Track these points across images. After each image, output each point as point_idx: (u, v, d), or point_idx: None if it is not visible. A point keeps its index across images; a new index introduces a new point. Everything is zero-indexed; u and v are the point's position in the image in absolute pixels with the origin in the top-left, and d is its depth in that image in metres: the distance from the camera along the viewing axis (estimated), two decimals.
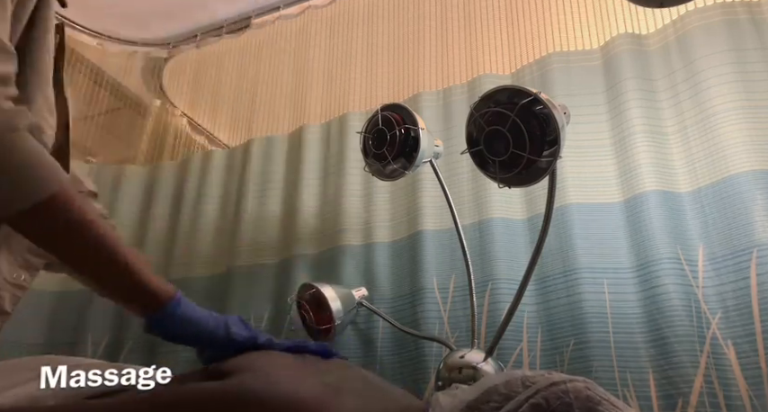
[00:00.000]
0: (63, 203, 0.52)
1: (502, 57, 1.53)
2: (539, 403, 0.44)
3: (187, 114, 2.24)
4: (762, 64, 1.18)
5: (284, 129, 1.83)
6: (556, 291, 1.21)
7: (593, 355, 1.10)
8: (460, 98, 1.52)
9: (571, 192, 1.27)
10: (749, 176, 1.09)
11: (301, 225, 1.59)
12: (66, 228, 0.53)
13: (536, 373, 0.49)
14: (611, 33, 1.39)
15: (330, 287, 1.23)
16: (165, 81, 2.28)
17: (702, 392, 1.01)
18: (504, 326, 0.99)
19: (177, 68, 2.27)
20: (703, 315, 1.06)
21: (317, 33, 1.90)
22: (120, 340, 1.63)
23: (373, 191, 1.54)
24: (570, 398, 0.44)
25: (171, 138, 2.14)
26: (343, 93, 1.76)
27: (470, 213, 1.37)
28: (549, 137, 0.83)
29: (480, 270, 1.28)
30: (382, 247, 1.46)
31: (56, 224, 0.52)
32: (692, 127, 1.21)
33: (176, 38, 2.25)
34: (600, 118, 1.33)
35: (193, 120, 2.25)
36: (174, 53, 2.27)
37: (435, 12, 1.70)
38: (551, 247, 1.24)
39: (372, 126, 1.19)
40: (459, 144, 1.41)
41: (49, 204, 0.51)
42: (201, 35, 2.19)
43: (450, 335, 1.27)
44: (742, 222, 1.07)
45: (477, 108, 0.90)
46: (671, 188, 1.19)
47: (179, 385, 0.54)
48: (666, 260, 1.11)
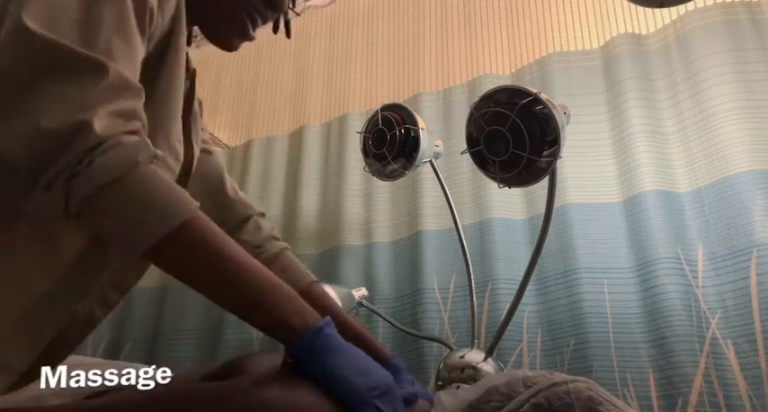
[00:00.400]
0: (194, 233, 0.50)
1: (502, 57, 1.54)
2: (540, 403, 0.44)
3: None
4: (762, 64, 1.18)
5: (284, 129, 1.83)
6: (556, 291, 1.21)
7: (593, 355, 1.10)
8: (460, 98, 1.52)
9: (571, 192, 1.27)
10: (749, 176, 1.09)
11: (301, 225, 1.59)
12: (197, 258, 0.51)
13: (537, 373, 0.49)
14: (611, 33, 1.39)
15: (330, 287, 1.23)
16: None
17: (702, 392, 1.01)
18: (504, 326, 0.99)
19: None
20: (703, 315, 1.06)
21: (317, 33, 1.90)
22: (120, 340, 1.63)
23: (373, 191, 1.54)
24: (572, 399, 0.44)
25: None
26: (343, 93, 1.76)
27: (470, 213, 1.38)
28: (549, 137, 0.83)
29: (480, 270, 1.28)
30: (382, 247, 1.46)
31: (187, 254, 0.51)
32: (692, 127, 1.21)
33: None
34: (600, 118, 1.33)
35: None
36: None
37: (435, 12, 1.70)
38: (551, 247, 1.24)
39: (372, 126, 1.19)
40: (459, 144, 1.41)
41: (179, 234, 0.49)
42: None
43: (450, 335, 1.27)
44: (742, 222, 1.07)
45: (477, 108, 0.90)
46: (671, 188, 1.19)
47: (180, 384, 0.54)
48: (666, 260, 1.11)
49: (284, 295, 0.55)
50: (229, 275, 0.52)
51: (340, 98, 1.76)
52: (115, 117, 0.48)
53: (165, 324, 1.60)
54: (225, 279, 0.53)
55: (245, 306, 0.54)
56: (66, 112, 0.45)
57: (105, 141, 0.46)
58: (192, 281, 0.53)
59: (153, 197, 0.49)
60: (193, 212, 0.51)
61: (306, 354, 0.52)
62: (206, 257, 0.51)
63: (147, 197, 0.49)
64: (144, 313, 1.65)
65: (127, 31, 0.52)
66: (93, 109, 0.46)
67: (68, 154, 0.45)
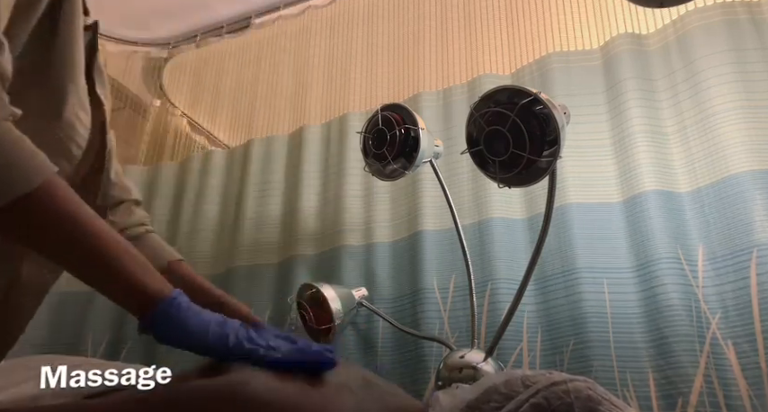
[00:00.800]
0: (46, 198, 0.49)
1: (502, 57, 1.54)
2: (539, 403, 0.44)
3: (187, 114, 2.24)
4: (762, 64, 1.18)
5: (284, 129, 1.83)
6: (556, 291, 1.21)
7: (593, 355, 1.10)
8: (460, 98, 1.52)
9: (571, 191, 1.27)
10: (749, 176, 1.09)
11: (301, 225, 1.59)
12: (50, 223, 0.49)
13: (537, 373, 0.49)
14: (611, 33, 1.39)
15: (330, 287, 1.23)
16: (165, 81, 2.28)
17: (702, 392, 1.01)
18: (504, 326, 0.99)
19: (177, 68, 2.27)
20: (703, 315, 1.06)
21: (317, 33, 1.90)
22: (120, 340, 1.63)
23: (373, 191, 1.54)
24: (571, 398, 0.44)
25: (171, 138, 2.14)
26: (343, 93, 1.76)
27: (470, 213, 1.38)
28: (549, 137, 0.83)
29: (480, 270, 1.28)
30: (382, 247, 1.46)
31: (37, 220, 0.49)
32: (692, 127, 1.21)
33: (176, 38, 2.25)
34: (600, 118, 1.33)
35: (193, 120, 2.25)
36: (173, 53, 2.27)
37: (435, 12, 1.70)
38: (551, 247, 1.24)
39: (372, 126, 1.19)
40: (459, 144, 1.41)
41: (30, 199, 0.47)
42: (201, 35, 2.19)
43: (451, 335, 1.27)
44: (742, 222, 1.07)
45: (477, 108, 0.90)
46: (671, 188, 1.19)
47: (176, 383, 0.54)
48: (666, 260, 1.11)
49: (139, 264, 0.54)
50: (82, 240, 0.51)
51: (340, 98, 1.76)
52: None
53: None
54: (77, 244, 0.51)
55: (97, 272, 0.53)
56: None
57: None
58: (41, 245, 0.51)
59: (8, 155, 0.47)
60: (50, 173, 0.50)
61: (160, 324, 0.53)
62: (59, 222, 0.50)
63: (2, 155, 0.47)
64: None
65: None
66: None
67: None
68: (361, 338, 1.38)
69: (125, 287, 0.53)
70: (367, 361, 1.32)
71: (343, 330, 1.29)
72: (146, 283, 0.53)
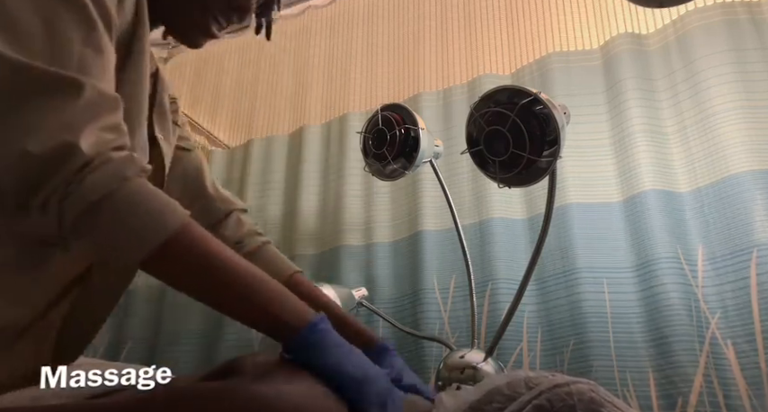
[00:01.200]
0: (186, 240, 0.52)
1: (502, 57, 1.54)
2: (542, 405, 0.44)
3: (187, 114, 2.23)
4: (762, 64, 1.18)
5: (284, 129, 1.83)
6: (556, 291, 1.21)
7: (593, 355, 1.10)
8: (460, 98, 1.52)
9: (571, 191, 1.27)
10: (749, 176, 1.09)
11: (301, 225, 1.59)
12: (191, 264, 0.52)
13: (539, 375, 0.49)
14: (611, 33, 1.39)
15: (330, 287, 1.23)
16: None
17: (702, 392, 1.01)
18: (504, 326, 0.99)
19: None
20: (703, 315, 1.06)
21: (317, 33, 1.90)
22: (120, 341, 1.63)
23: (373, 191, 1.54)
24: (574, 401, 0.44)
25: None
26: (344, 93, 1.76)
27: (470, 213, 1.38)
28: (549, 137, 0.83)
29: (480, 270, 1.28)
30: (382, 247, 1.46)
31: (181, 262, 0.52)
32: (692, 127, 1.21)
33: None
34: (600, 118, 1.33)
35: (193, 119, 2.24)
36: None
37: (435, 12, 1.70)
38: (551, 247, 1.24)
39: (372, 126, 1.19)
40: (459, 144, 1.41)
41: (172, 243, 0.50)
42: None
43: (451, 335, 1.27)
44: (742, 222, 1.07)
45: (477, 108, 0.90)
46: (671, 188, 1.19)
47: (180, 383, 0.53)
48: (666, 260, 1.11)
49: (277, 293, 0.56)
50: (223, 279, 0.53)
51: (340, 98, 1.76)
52: (100, 133, 0.49)
53: (165, 324, 1.59)
54: (219, 283, 0.53)
55: (240, 307, 0.55)
56: (50, 135, 0.46)
57: (94, 159, 0.47)
58: (187, 287, 0.54)
59: (144, 208, 0.50)
60: (184, 220, 0.52)
61: (302, 350, 0.53)
62: (199, 263, 0.52)
63: (138, 209, 0.49)
64: (144, 313, 1.65)
65: (96, 40, 0.52)
66: (77, 128, 0.47)
67: (59, 175, 0.46)
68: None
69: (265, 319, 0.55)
70: None
71: None
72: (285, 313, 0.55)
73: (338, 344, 0.55)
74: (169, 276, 0.53)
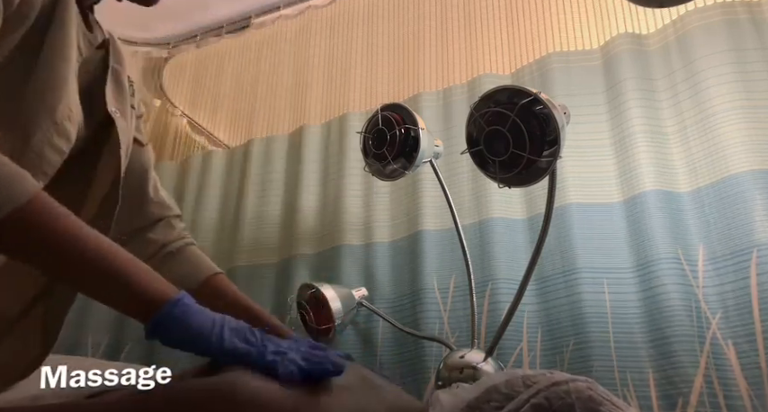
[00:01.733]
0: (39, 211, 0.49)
1: (502, 57, 1.53)
2: (540, 403, 0.44)
3: (187, 114, 2.24)
4: (762, 64, 1.18)
5: (284, 129, 1.83)
6: (556, 291, 1.21)
7: (593, 355, 1.10)
8: (460, 98, 1.52)
9: (571, 192, 1.27)
10: (749, 176, 1.09)
11: (301, 225, 1.59)
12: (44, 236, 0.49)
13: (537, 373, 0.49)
14: (611, 33, 1.39)
15: (330, 287, 1.23)
16: (165, 81, 2.28)
17: (702, 392, 1.01)
18: (504, 326, 0.99)
19: (177, 68, 2.27)
20: (703, 315, 1.06)
21: (316, 33, 1.90)
22: (120, 340, 1.63)
23: (373, 191, 1.54)
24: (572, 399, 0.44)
25: (171, 138, 2.14)
26: (343, 93, 1.76)
27: (470, 213, 1.37)
28: (549, 137, 0.83)
29: (480, 270, 1.28)
30: (382, 247, 1.46)
31: (33, 233, 0.49)
32: (692, 127, 1.21)
33: (176, 38, 2.25)
34: (600, 118, 1.33)
35: (193, 120, 2.24)
36: (173, 53, 2.27)
37: (435, 12, 1.70)
38: (551, 247, 1.24)
39: (372, 126, 1.19)
40: (459, 144, 1.41)
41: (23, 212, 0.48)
42: (201, 35, 2.19)
43: (451, 335, 1.27)
44: (742, 222, 1.07)
45: (477, 108, 0.90)
46: (671, 188, 1.19)
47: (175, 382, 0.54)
48: (666, 260, 1.11)
49: (140, 269, 0.54)
50: (79, 253, 0.51)
51: (340, 98, 1.76)
52: None
53: None
54: (75, 257, 0.51)
55: (98, 283, 0.53)
56: None
57: None
58: (39, 260, 0.51)
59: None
60: (36, 191, 0.50)
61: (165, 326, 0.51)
62: (53, 236, 0.50)
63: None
64: None
65: None
66: None
67: None
68: (361, 338, 1.37)
69: (127, 294, 0.52)
70: (367, 361, 1.32)
71: (343, 330, 1.29)
72: (147, 287, 0.52)
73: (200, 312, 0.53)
74: (19, 248, 0.50)
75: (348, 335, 1.36)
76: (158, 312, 0.51)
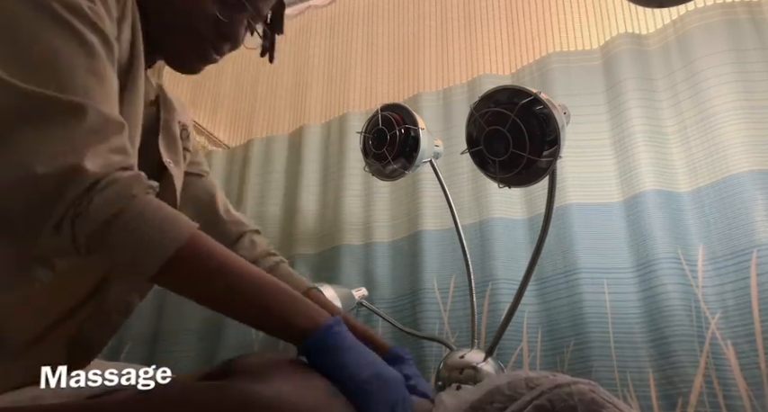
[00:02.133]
0: (196, 250, 0.53)
1: (502, 57, 1.53)
2: (542, 405, 0.44)
3: None
4: (762, 64, 1.18)
5: (284, 129, 1.83)
6: (556, 291, 1.21)
7: (593, 355, 1.10)
8: (460, 98, 1.52)
9: (571, 192, 1.27)
10: (749, 176, 1.09)
11: (301, 225, 1.58)
12: (203, 273, 0.54)
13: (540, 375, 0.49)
14: (611, 33, 1.39)
15: (330, 287, 1.23)
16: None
17: (702, 392, 1.01)
18: (504, 326, 0.99)
19: None
20: (703, 315, 1.06)
21: (316, 33, 1.90)
22: (120, 341, 1.63)
23: (373, 191, 1.54)
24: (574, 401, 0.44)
25: None
26: (343, 93, 1.76)
27: (470, 213, 1.37)
28: (549, 137, 0.83)
29: (480, 270, 1.28)
30: (382, 247, 1.46)
31: (192, 272, 0.53)
32: (692, 127, 1.21)
33: None
34: (600, 118, 1.33)
35: (193, 120, 2.24)
36: None
37: (435, 12, 1.70)
38: (551, 247, 1.24)
39: (372, 126, 1.19)
40: (459, 144, 1.41)
41: (182, 254, 0.52)
42: None
43: (451, 335, 1.27)
44: (742, 222, 1.07)
45: (477, 108, 0.90)
46: (671, 188, 1.19)
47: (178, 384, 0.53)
48: (666, 260, 1.11)
49: (290, 297, 0.57)
50: (234, 285, 0.55)
51: (340, 98, 1.76)
52: (108, 155, 0.51)
53: (165, 324, 1.59)
54: (230, 289, 0.55)
55: (254, 313, 0.56)
56: (56, 157, 0.48)
57: (101, 180, 0.49)
58: (200, 295, 0.55)
59: (151, 223, 0.51)
60: (192, 230, 0.53)
61: (317, 352, 0.54)
62: (210, 271, 0.54)
63: (146, 225, 0.51)
64: (144, 313, 1.65)
65: (98, 67, 0.54)
66: (83, 150, 0.49)
67: (67, 196, 0.47)
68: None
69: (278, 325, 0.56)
70: None
71: None
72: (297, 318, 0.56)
73: (352, 346, 0.56)
74: (181, 287, 0.54)
75: None
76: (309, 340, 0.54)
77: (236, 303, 0.56)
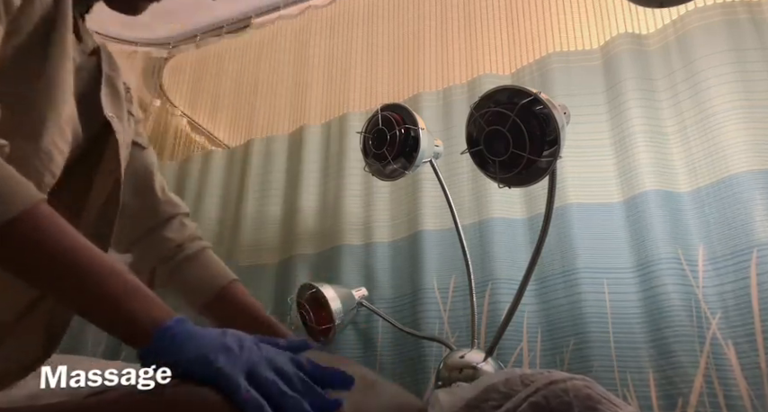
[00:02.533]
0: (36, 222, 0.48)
1: (502, 57, 1.53)
2: (538, 402, 0.44)
3: (187, 114, 2.24)
4: (762, 64, 1.18)
5: (284, 129, 1.83)
6: (556, 291, 1.21)
7: (593, 355, 1.10)
8: (460, 98, 1.52)
9: (571, 192, 1.26)
10: (749, 176, 1.09)
11: (301, 225, 1.59)
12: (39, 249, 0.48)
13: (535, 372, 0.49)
14: (611, 33, 1.39)
15: (330, 287, 1.23)
16: (165, 81, 2.28)
17: (702, 392, 1.01)
18: (504, 326, 0.99)
19: (177, 68, 2.27)
20: (703, 315, 1.06)
21: (316, 33, 1.90)
22: (120, 341, 1.63)
23: (373, 191, 1.54)
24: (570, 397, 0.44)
25: (171, 138, 2.14)
26: (343, 93, 1.76)
27: (470, 213, 1.37)
28: (549, 137, 0.83)
29: (480, 270, 1.28)
30: (382, 247, 1.46)
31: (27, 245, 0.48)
32: (692, 127, 1.21)
33: (176, 38, 2.25)
34: (600, 118, 1.33)
35: (193, 120, 2.25)
36: (173, 53, 2.27)
37: (435, 12, 1.70)
38: (551, 247, 1.24)
39: (372, 126, 1.19)
40: (459, 144, 1.41)
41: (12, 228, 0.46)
42: (201, 35, 2.19)
43: (451, 335, 1.27)
44: (742, 222, 1.07)
45: (477, 108, 0.90)
46: (671, 188, 1.19)
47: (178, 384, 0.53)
48: (666, 260, 1.11)
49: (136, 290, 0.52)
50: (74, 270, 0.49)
51: (340, 98, 1.76)
52: None
53: None
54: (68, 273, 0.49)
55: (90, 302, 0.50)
56: None
57: None
58: (33, 274, 0.49)
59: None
60: (36, 201, 0.49)
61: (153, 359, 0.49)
62: (49, 249, 0.49)
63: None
64: None
65: None
66: None
67: None
68: (361, 338, 1.37)
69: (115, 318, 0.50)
70: (367, 361, 1.32)
71: (343, 330, 1.29)
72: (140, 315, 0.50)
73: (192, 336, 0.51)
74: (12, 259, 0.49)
75: (348, 335, 1.36)
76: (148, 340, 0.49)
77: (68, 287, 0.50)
